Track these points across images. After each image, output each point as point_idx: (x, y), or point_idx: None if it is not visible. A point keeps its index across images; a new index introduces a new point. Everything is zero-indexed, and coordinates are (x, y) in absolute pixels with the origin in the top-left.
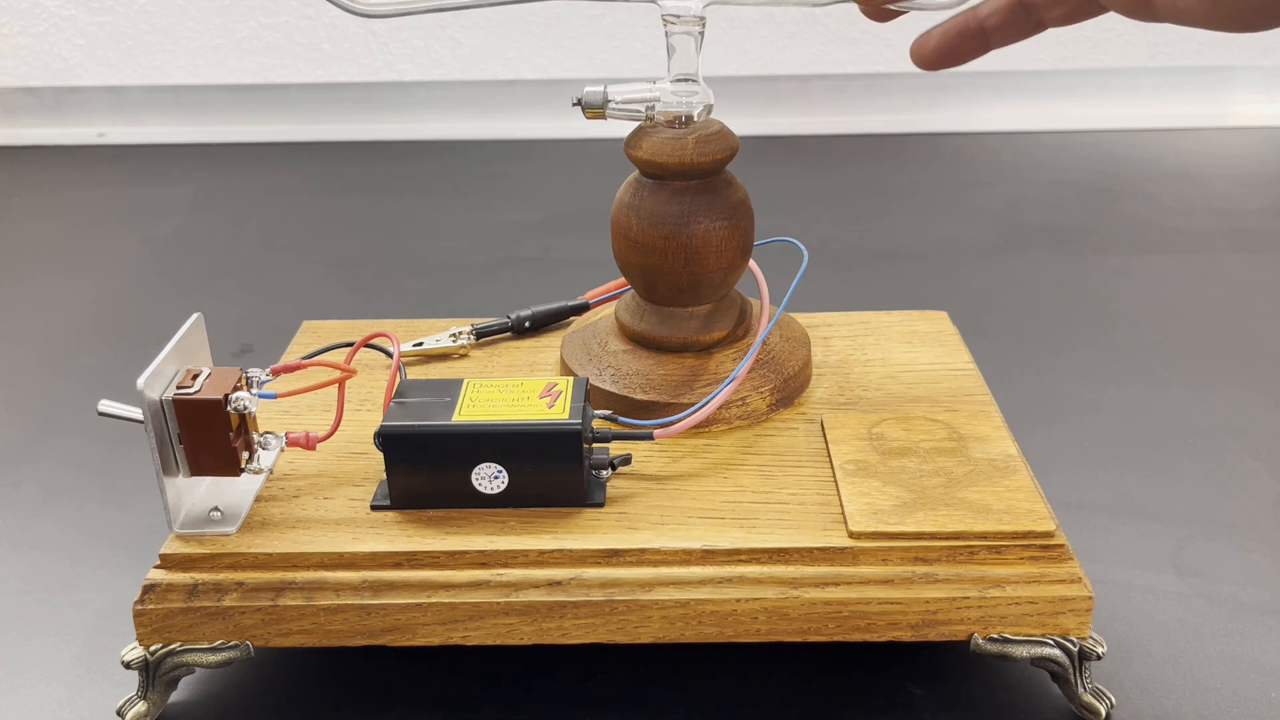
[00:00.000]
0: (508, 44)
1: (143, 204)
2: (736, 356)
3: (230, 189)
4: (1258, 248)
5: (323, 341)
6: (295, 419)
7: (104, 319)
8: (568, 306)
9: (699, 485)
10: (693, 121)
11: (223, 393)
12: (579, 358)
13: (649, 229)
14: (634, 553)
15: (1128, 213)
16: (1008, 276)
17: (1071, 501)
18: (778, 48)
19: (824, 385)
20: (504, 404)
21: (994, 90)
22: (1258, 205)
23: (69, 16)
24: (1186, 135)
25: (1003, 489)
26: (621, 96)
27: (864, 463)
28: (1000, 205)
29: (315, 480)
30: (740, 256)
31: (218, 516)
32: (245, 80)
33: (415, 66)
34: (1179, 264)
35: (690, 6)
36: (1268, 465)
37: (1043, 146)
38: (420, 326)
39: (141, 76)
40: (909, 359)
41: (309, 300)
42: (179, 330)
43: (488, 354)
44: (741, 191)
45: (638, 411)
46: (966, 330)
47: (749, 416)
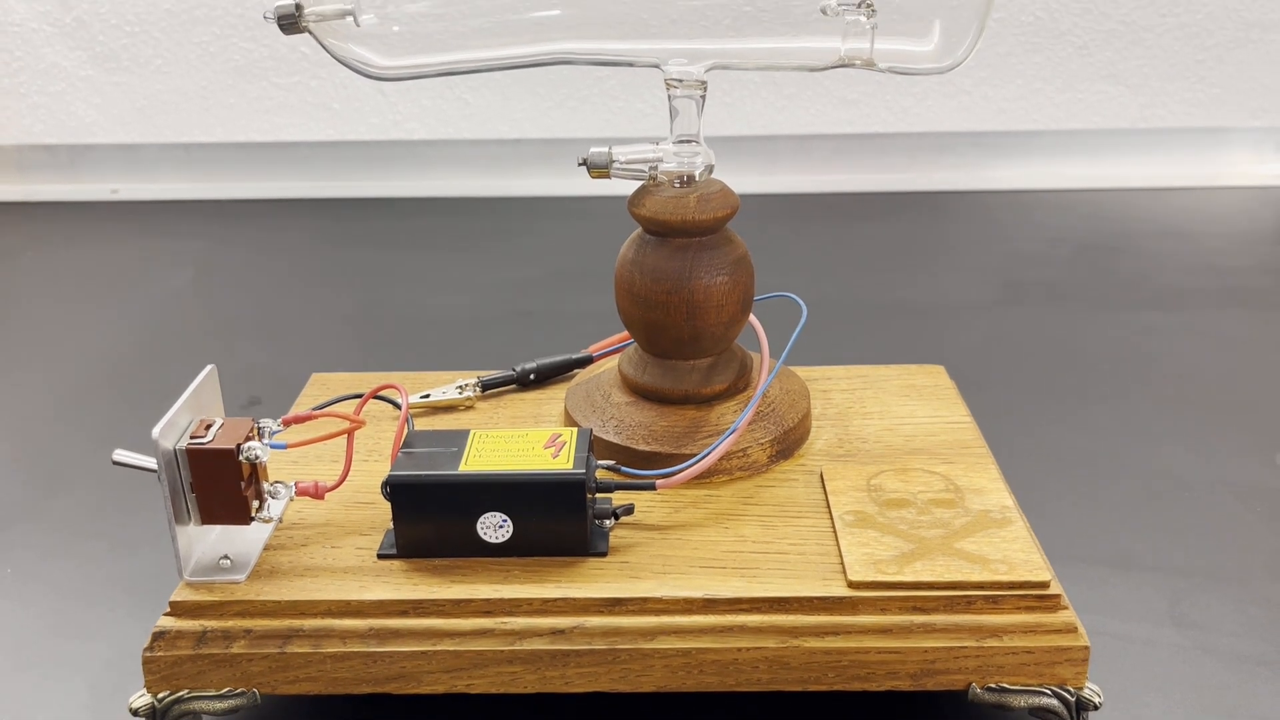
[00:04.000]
0: (514, 104)
1: (154, 259)
2: (737, 408)
3: (241, 244)
4: (1250, 304)
5: (331, 393)
6: (304, 469)
7: (114, 371)
8: (572, 359)
9: (700, 535)
10: (694, 181)
11: (235, 442)
12: (583, 409)
13: (652, 284)
14: (636, 602)
15: (1123, 269)
16: (1004, 332)
17: (1068, 554)
18: (778, 108)
19: (823, 437)
20: (509, 454)
21: (990, 150)
22: (1250, 263)
23: (86, 77)
24: (1180, 194)
25: (999, 540)
26: (626, 157)
27: (863, 513)
28: (997, 262)
29: (323, 529)
30: (741, 311)
31: (227, 564)
32: (256, 138)
33: (423, 126)
34: (1173, 320)
35: (692, 71)
36: (1264, 518)
37: (1039, 205)
38: (427, 379)
39: (155, 134)
40: (907, 412)
41: (317, 353)
42: (193, 382)
43: (493, 406)
44: (742, 248)
45: (640, 462)
46: (963, 384)
47: (750, 468)
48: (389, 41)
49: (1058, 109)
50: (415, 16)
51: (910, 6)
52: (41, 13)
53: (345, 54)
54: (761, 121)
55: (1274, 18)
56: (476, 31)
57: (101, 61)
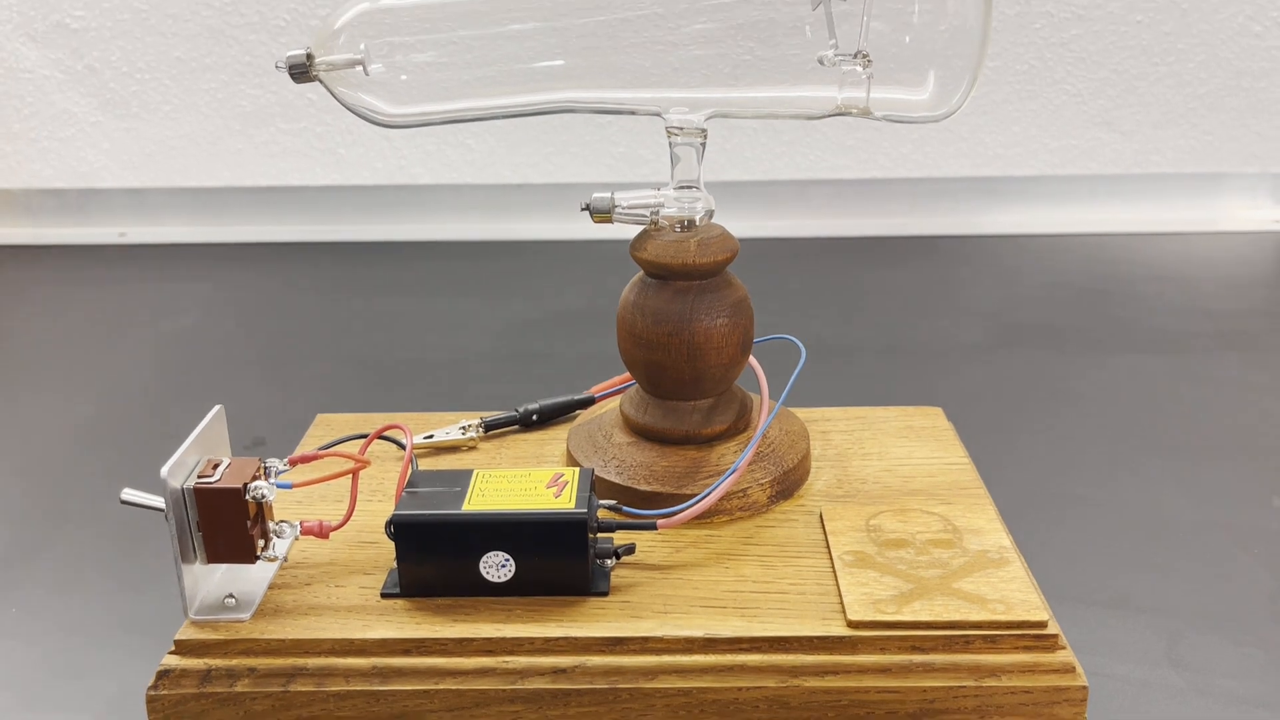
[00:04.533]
0: (517, 150)
1: (160, 301)
2: (737, 449)
3: (246, 287)
4: (1245, 347)
5: (335, 434)
6: (308, 509)
7: (120, 412)
8: (574, 400)
9: (701, 575)
10: (695, 225)
11: (242, 482)
12: (585, 449)
13: (653, 326)
14: (637, 641)
15: (1119, 313)
16: (1002, 374)
17: (1066, 594)
18: (777, 154)
19: (823, 478)
20: (512, 494)
21: (988, 195)
22: (1245, 307)
23: (96, 122)
24: (1175, 239)
25: (997, 580)
26: (628, 202)
27: (862, 554)
28: (994, 305)
29: (327, 568)
30: (740, 352)
31: (232, 603)
32: (263, 183)
33: (427, 170)
34: (1169, 363)
35: (693, 120)
36: (1261, 559)
37: (1036, 249)
38: (431, 420)
39: (163, 179)
40: (905, 453)
41: (322, 394)
42: (201, 422)
43: (496, 446)
44: (741, 291)
45: (641, 502)
46: (961, 426)
47: (750, 508)
48: (397, 90)
49: (1053, 155)
50: (423, 66)
51: (905, 57)
52: (53, 60)
53: (354, 102)
54: (761, 167)
55: (1264, 66)
56: (482, 80)
57: (111, 107)
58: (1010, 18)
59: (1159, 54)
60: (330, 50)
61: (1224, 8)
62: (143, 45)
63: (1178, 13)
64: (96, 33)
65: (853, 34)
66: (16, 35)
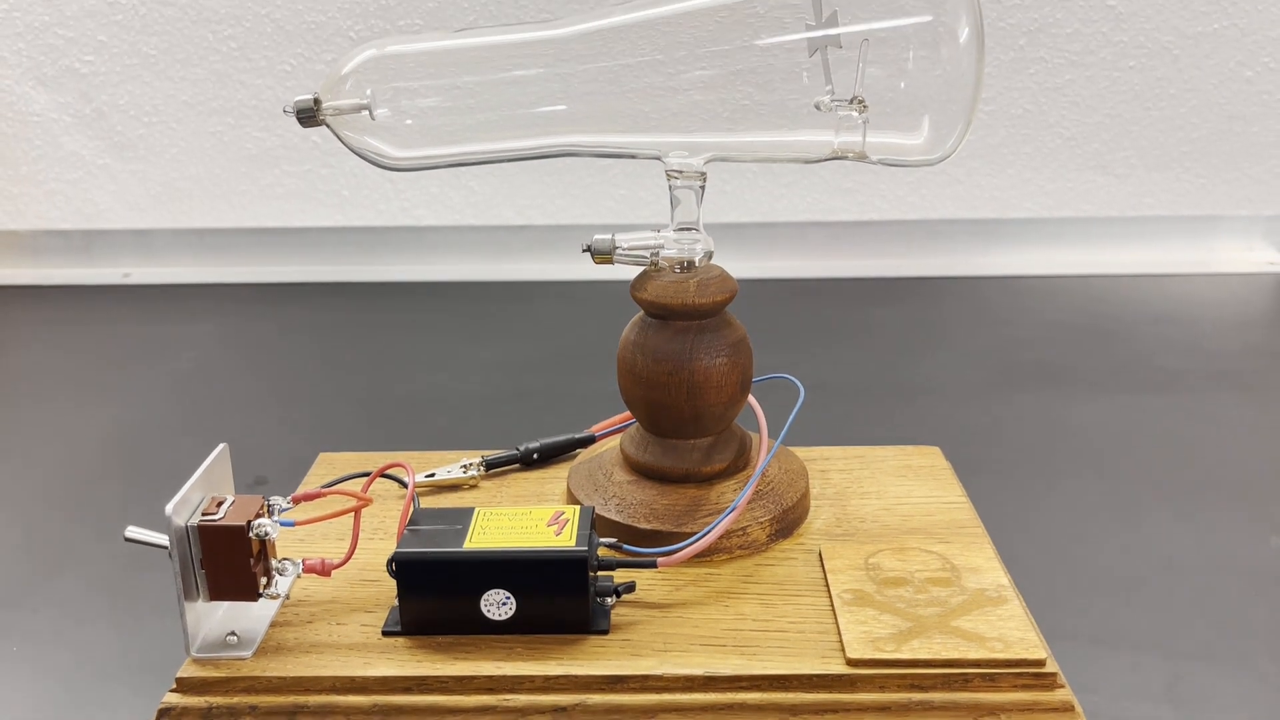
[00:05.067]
0: (519, 192)
1: (164, 341)
2: (737, 487)
3: (249, 326)
4: (1242, 386)
5: (338, 473)
6: (310, 546)
7: (122, 452)
8: (574, 439)
9: (701, 613)
10: (695, 266)
11: (245, 519)
12: (585, 488)
13: (653, 365)
14: (637, 679)
15: (1116, 353)
16: (999, 414)
17: (1065, 632)
18: (776, 196)
19: (822, 516)
20: (513, 532)
21: (985, 237)
22: (1241, 347)
23: (103, 165)
24: (1170, 280)
25: (995, 618)
26: (628, 244)
27: (861, 592)
28: (991, 345)
29: (329, 606)
30: (740, 391)
31: (234, 641)
32: (268, 224)
33: (431, 212)
34: (1166, 402)
35: (692, 163)
36: (1259, 596)
37: (1034, 290)
38: (432, 458)
39: (168, 220)
40: (904, 492)
41: (324, 434)
42: (205, 460)
43: (497, 485)
44: (741, 331)
45: (641, 540)
46: (959, 465)
47: (749, 546)
48: (402, 134)
49: (1049, 197)
50: (427, 111)
51: (900, 102)
52: (62, 104)
53: (360, 145)
54: (760, 209)
55: (1255, 110)
56: (486, 125)
57: (119, 150)
58: (1005, 63)
59: (1152, 99)
60: (337, 95)
61: (1215, 53)
62: (151, 89)
63: (1169, 59)
64: (105, 77)
65: (849, 80)
66: (26, 79)
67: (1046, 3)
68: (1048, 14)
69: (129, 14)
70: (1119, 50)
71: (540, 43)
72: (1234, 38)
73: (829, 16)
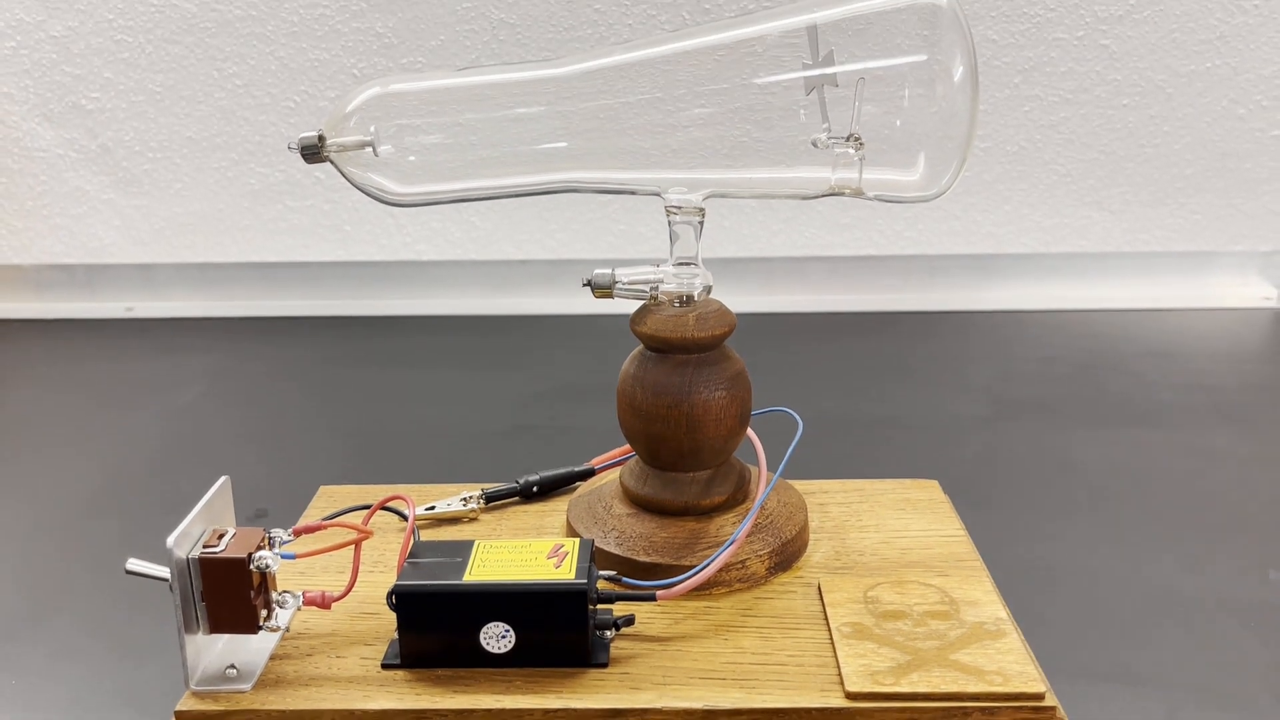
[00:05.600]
0: (520, 227)
1: (166, 374)
2: (736, 520)
3: (251, 360)
4: (1238, 421)
5: (338, 505)
6: (310, 579)
7: (123, 485)
8: (574, 472)
9: (700, 646)
10: (693, 300)
11: (246, 551)
12: (585, 520)
13: (653, 398)
14: (636, 713)
15: (1112, 387)
16: (997, 447)
17: (1063, 666)
18: (774, 232)
19: (821, 550)
20: (513, 564)
21: (981, 272)
22: (1237, 381)
23: (107, 200)
24: (1166, 315)
25: (994, 651)
26: (628, 278)
27: (860, 625)
28: (989, 379)
29: (329, 639)
30: (739, 424)
31: (233, 674)
32: (270, 258)
33: (432, 247)
34: (1163, 437)
35: (691, 199)
36: (1258, 633)
37: (1031, 325)
38: (432, 491)
39: (171, 255)
40: (902, 525)
41: (325, 467)
42: (207, 492)
43: (497, 518)
44: (739, 364)
45: (641, 573)
46: (957, 499)
47: (749, 579)
48: (405, 170)
49: (1045, 233)
50: (430, 147)
51: (895, 139)
52: (68, 139)
53: (364, 181)
54: (759, 244)
55: (1248, 148)
56: (488, 161)
57: (124, 186)
58: (1000, 100)
59: (1146, 136)
60: (341, 132)
61: (1208, 92)
62: (156, 125)
63: (1163, 97)
64: (111, 113)
65: (845, 118)
66: (33, 116)
67: (1040, 42)
68: (1042, 53)
69: (135, 52)
70: (1113, 88)
71: (542, 81)
72: (1226, 76)
73: (825, 55)
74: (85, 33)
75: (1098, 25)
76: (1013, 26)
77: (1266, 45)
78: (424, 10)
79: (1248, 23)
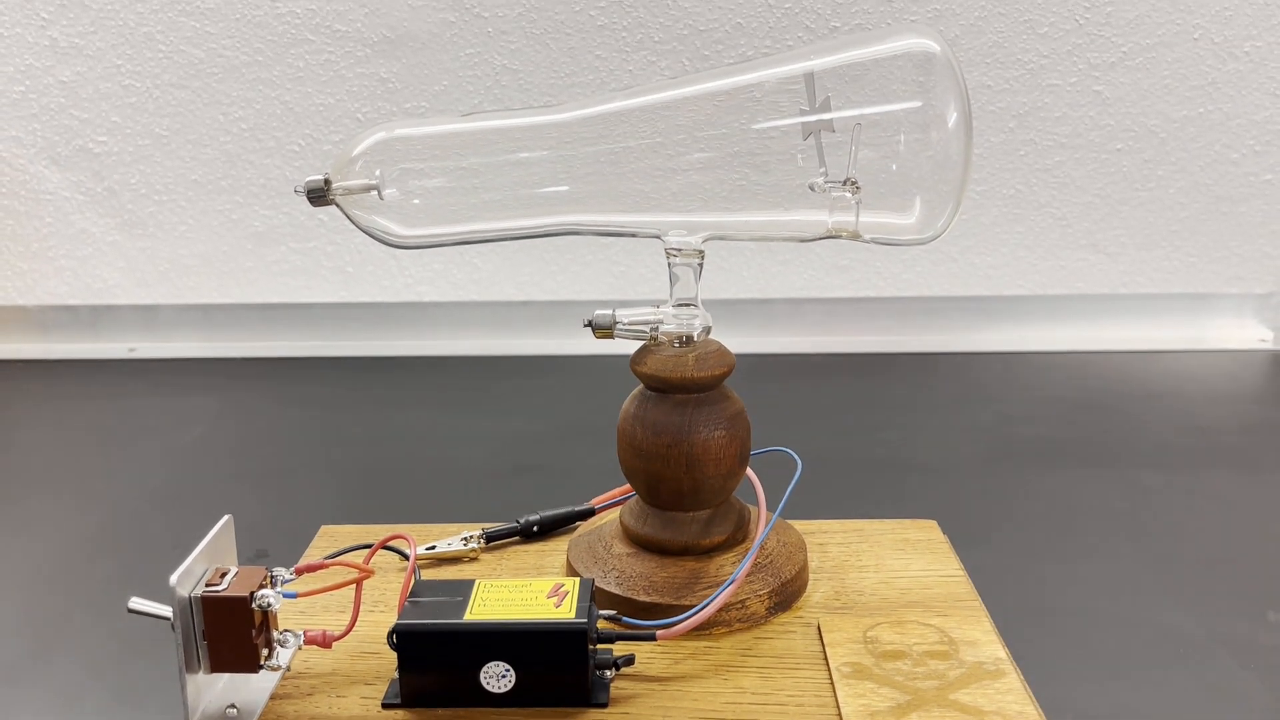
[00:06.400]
0: (521, 269)
1: (168, 415)
2: (735, 560)
3: (252, 401)
4: (1236, 463)
5: (339, 545)
6: (311, 618)
7: (125, 525)
8: (574, 511)
9: (700, 686)
10: (693, 341)
11: (249, 590)
12: (585, 560)
13: (653, 437)
14: None
15: (1110, 429)
16: (995, 488)
17: (1063, 707)
18: (772, 274)
19: (820, 589)
20: (513, 604)
21: (978, 314)
22: (1235, 424)
23: (113, 242)
24: (1163, 357)
25: (993, 691)
26: (628, 319)
27: (859, 665)
28: (986, 421)
29: (329, 678)
30: (738, 464)
31: (234, 714)
32: (272, 299)
33: (434, 288)
34: (1161, 478)
35: (691, 241)
36: (1259, 675)
37: (1026, 366)
38: (433, 531)
39: (174, 296)
40: (901, 565)
41: (326, 507)
42: (210, 531)
43: (497, 557)
44: (738, 404)
45: (641, 613)
46: (955, 539)
47: (748, 619)
48: (409, 213)
49: (1041, 275)
50: (434, 191)
51: (891, 183)
52: (74, 182)
53: (369, 224)
54: (757, 285)
55: (1242, 191)
56: (490, 205)
57: (129, 228)
58: (995, 145)
59: (1140, 180)
60: (347, 176)
61: (1200, 137)
62: (162, 168)
63: (1156, 141)
64: (118, 156)
65: (842, 162)
66: (40, 158)
67: (1035, 88)
68: (1036, 98)
69: (143, 96)
70: (1106, 133)
71: (544, 126)
72: (1219, 121)
73: (822, 102)
74: (93, 78)
75: (1090, 71)
76: (1007, 72)
77: (1258, 91)
78: (427, 56)
79: (1239, 69)
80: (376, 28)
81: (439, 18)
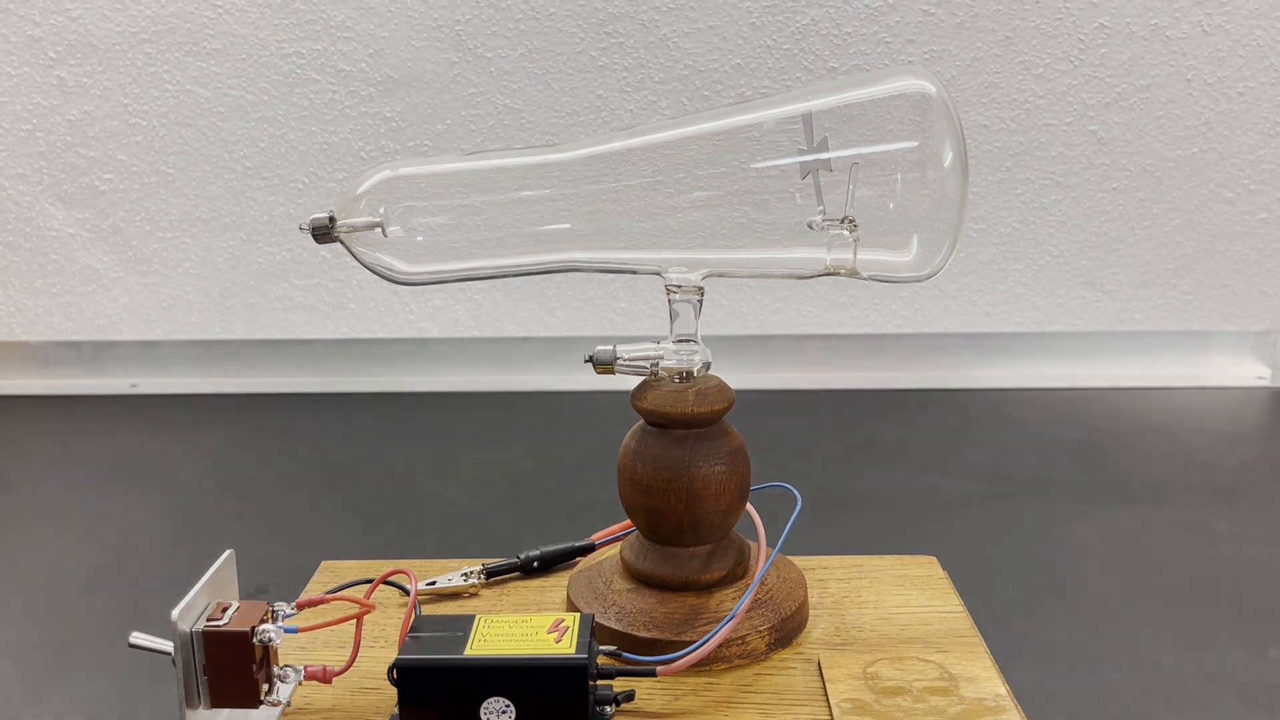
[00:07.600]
0: (522, 305)
1: (168, 450)
2: (735, 595)
3: (255, 435)
4: (1234, 499)
5: (340, 581)
6: (311, 654)
7: (127, 559)
8: (575, 547)
9: None
10: (693, 377)
11: (250, 625)
12: (585, 596)
13: (653, 472)
14: None
15: (1108, 465)
16: (994, 524)
17: None
18: (772, 310)
19: (820, 626)
20: (513, 639)
21: (976, 351)
22: (1233, 461)
23: (116, 278)
24: (1163, 394)
25: None
26: (629, 355)
27: (860, 701)
28: (985, 457)
29: (328, 714)
30: (738, 499)
31: None
32: (274, 335)
33: (435, 325)
34: (1159, 514)
35: (691, 278)
36: (1257, 709)
37: (1026, 403)
38: (433, 566)
39: (176, 332)
40: (901, 601)
41: (326, 542)
42: (212, 566)
43: (498, 593)
44: (738, 439)
45: (641, 648)
46: (955, 575)
47: (748, 655)
48: (412, 250)
49: (1039, 312)
50: (437, 228)
51: (889, 222)
52: (80, 219)
53: (372, 261)
54: (757, 322)
55: (1238, 230)
56: (492, 242)
57: (134, 264)
58: (993, 184)
59: (1136, 219)
60: (352, 213)
61: (1195, 176)
62: (167, 206)
63: (1151, 180)
64: (124, 194)
65: (840, 201)
66: (46, 196)
67: (1031, 128)
68: (1032, 138)
69: (149, 135)
70: (1102, 172)
71: (546, 165)
72: (1213, 161)
73: (820, 141)
74: (100, 116)
75: (1086, 112)
76: (1004, 113)
77: (1251, 131)
78: (431, 96)
79: (1232, 109)
80: (380, 68)
81: (442, 58)
